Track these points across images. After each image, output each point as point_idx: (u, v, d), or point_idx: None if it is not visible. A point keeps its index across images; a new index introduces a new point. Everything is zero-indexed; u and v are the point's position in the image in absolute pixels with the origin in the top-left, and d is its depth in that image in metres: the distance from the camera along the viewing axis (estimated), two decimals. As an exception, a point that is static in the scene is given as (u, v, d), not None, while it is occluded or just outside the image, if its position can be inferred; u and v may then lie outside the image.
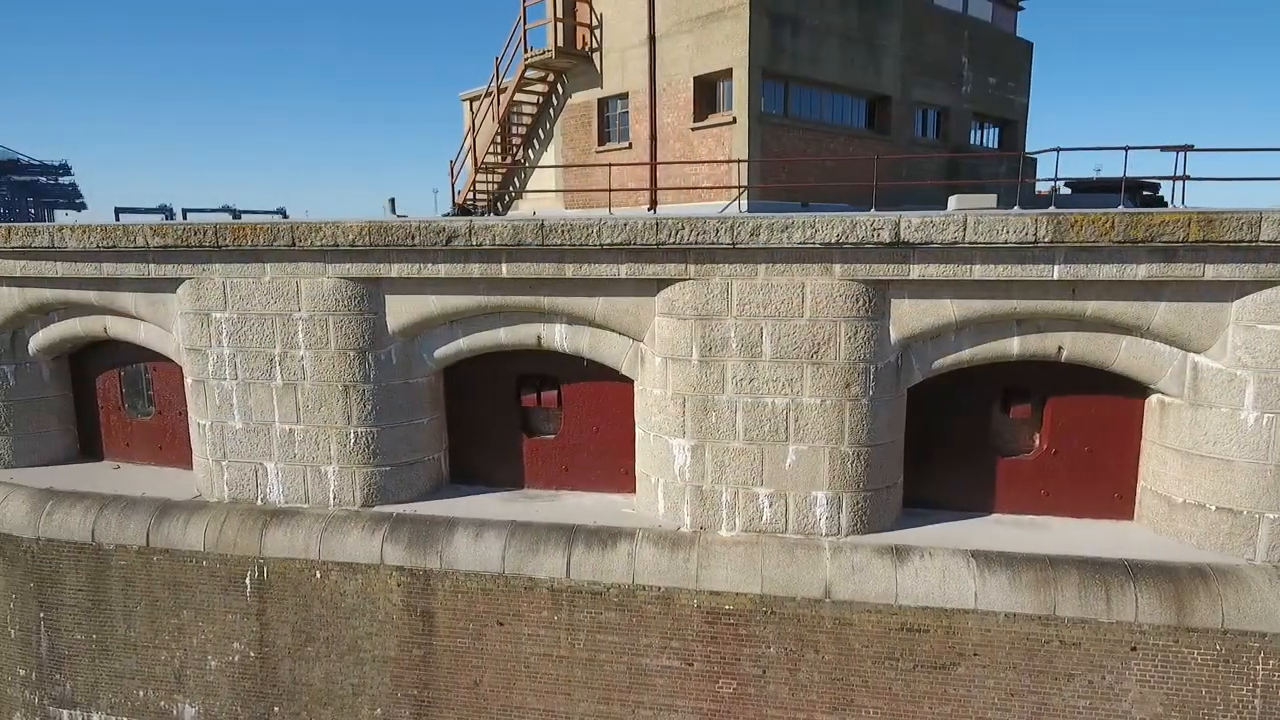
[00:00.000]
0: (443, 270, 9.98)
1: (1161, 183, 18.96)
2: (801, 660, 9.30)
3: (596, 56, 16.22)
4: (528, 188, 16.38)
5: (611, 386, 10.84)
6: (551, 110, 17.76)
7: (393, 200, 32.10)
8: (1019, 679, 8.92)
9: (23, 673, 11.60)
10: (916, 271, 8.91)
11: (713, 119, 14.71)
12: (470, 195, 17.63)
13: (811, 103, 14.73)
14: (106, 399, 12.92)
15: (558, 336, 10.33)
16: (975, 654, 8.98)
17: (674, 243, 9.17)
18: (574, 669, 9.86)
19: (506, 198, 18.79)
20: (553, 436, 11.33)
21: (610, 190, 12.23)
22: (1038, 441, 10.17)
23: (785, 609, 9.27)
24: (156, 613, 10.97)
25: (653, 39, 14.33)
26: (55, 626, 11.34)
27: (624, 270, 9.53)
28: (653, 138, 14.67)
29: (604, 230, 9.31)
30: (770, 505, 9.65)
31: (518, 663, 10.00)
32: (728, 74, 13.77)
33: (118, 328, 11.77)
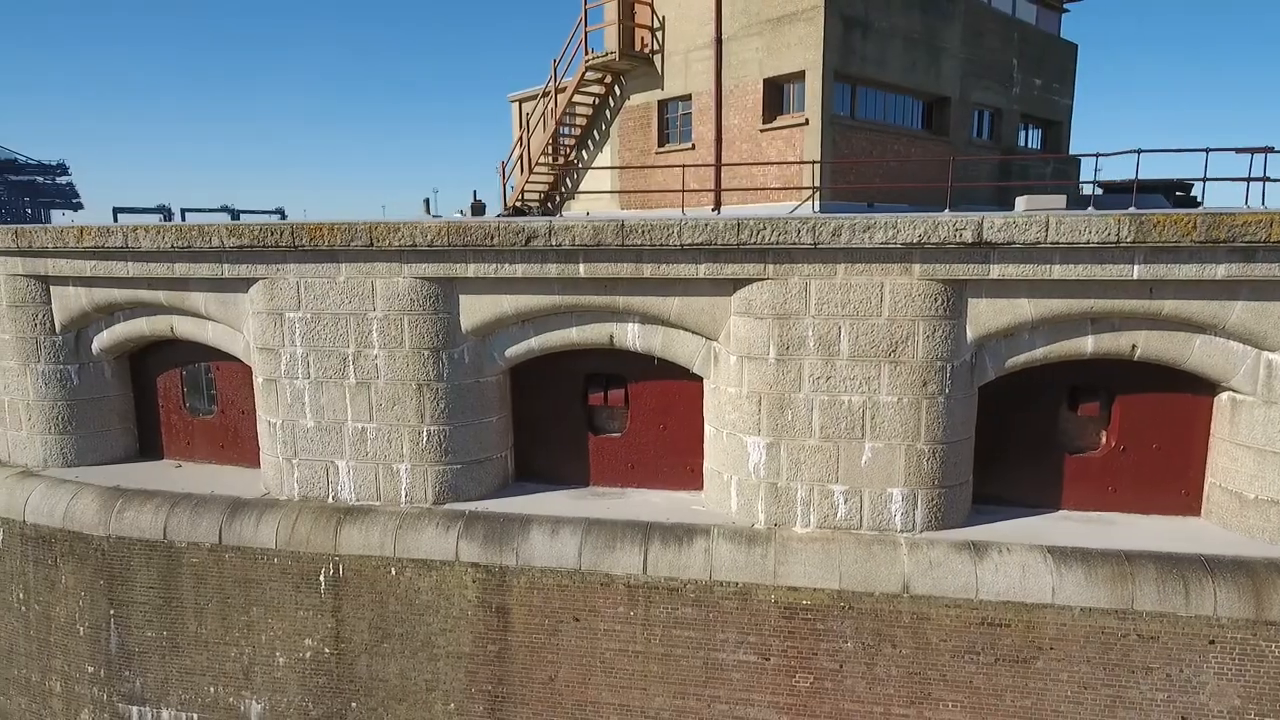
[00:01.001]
0: (519, 270, 10.10)
1: (1193, 183, 19.16)
2: (879, 654, 9.42)
3: (657, 59, 16.37)
4: (580, 189, 16.48)
5: (679, 385, 10.97)
6: (608, 112, 17.91)
7: (427, 201, 32.21)
8: (1094, 672, 9.05)
9: (91, 669, 11.68)
10: (996, 271, 9.04)
11: (782, 120, 14.78)
12: (520, 196, 17.75)
13: (876, 104, 14.90)
14: (167, 398, 13.01)
15: (630, 335, 10.44)
16: (1052, 648, 9.11)
17: (755, 243, 9.30)
18: (650, 664, 9.97)
19: (556, 198, 18.93)
20: (618, 435, 11.45)
21: (682, 190, 12.33)
22: (1104, 439, 10.31)
23: (863, 604, 9.39)
24: (227, 609, 11.06)
25: (719, 41, 14.49)
26: (125, 623, 11.43)
27: (702, 270, 9.66)
28: (718, 139, 14.82)
29: (685, 230, 9.43)
30: (845, 502, 9.78)
31: (593, 658, 10.11)
32: (799, 76, 13.91)
33: (185, 327, 11.87)
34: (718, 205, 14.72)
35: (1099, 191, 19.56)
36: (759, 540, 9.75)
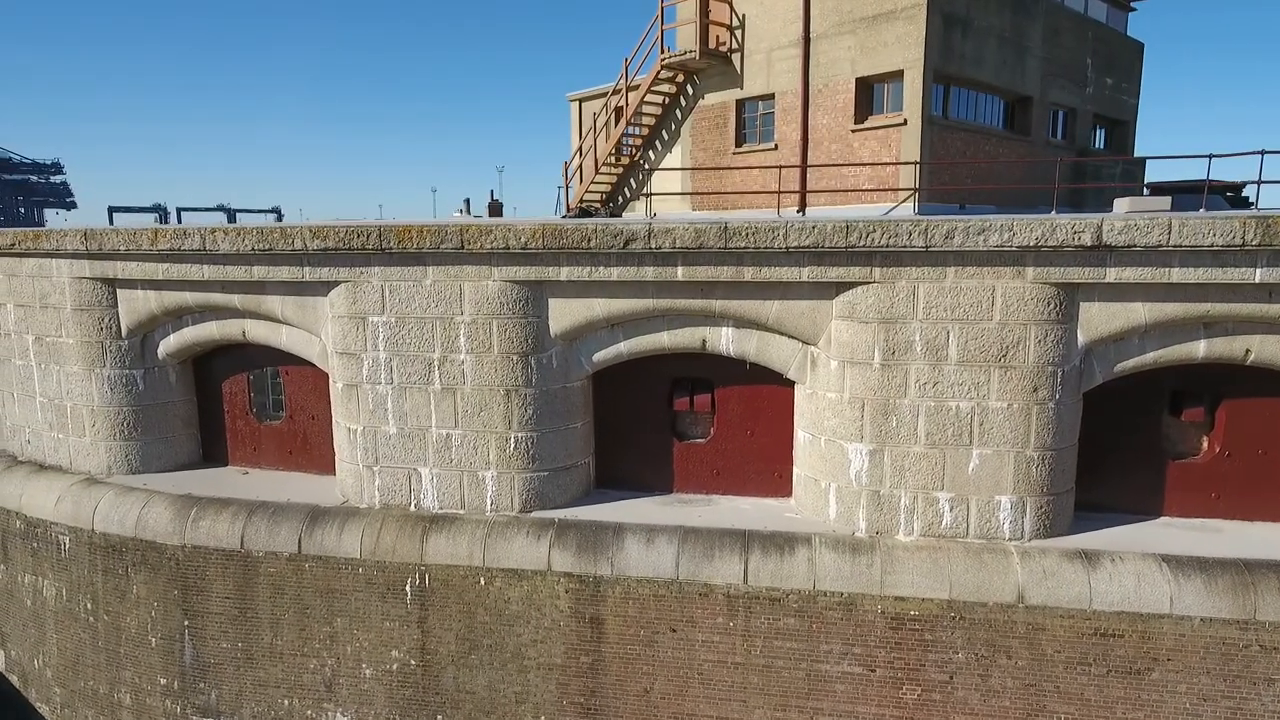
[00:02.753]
0: (615, 274, 9.88)
1: (1243, 185, 19.03)
2: (993, 665, 9.23)
3: (736, 58, 16.13)
4: (646, 189, 16.19)
5: (768, 390, 10.77)
6: (678, 112, 17.68)
7: (468, 201, 31.89)
8: (1213, 684, 8.87)
9: (164, 682, 11.42)
10: (1112, 274, 8.86)
11: (874, 121, 14.52)
12: (581, 198, 17.52)
13: (966, 104, 14.70)
14: (233, 403, 12.75)
15: (724, 340, 10.24)
16: (1169, 659, 8.93)
17: (864, 245, 9.10)
18: (749, 675, 9.76)
19: (619, 200, 18.69)
20: (703, 440, 11.24)
21: (777, 191, 12.04)
22: (1207, 444, 10.14)
23: (975, 614, 9.20)
24: (306, 620, 10.81)
25: (807, 40, 14.27)
26: (200, 634, 11.17)
27: (805, 273, 9.46)
28: (804, 140, 14.60)
29: (790, 232, 9.23)
30: (951, 509, 9.59)
31: (690, 670, 9.90)
32: (896, 75, 13.69)
33: (258, 331, 11.62)
34: (802, 207, 14.50)
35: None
36: (863, 549, 9.55)
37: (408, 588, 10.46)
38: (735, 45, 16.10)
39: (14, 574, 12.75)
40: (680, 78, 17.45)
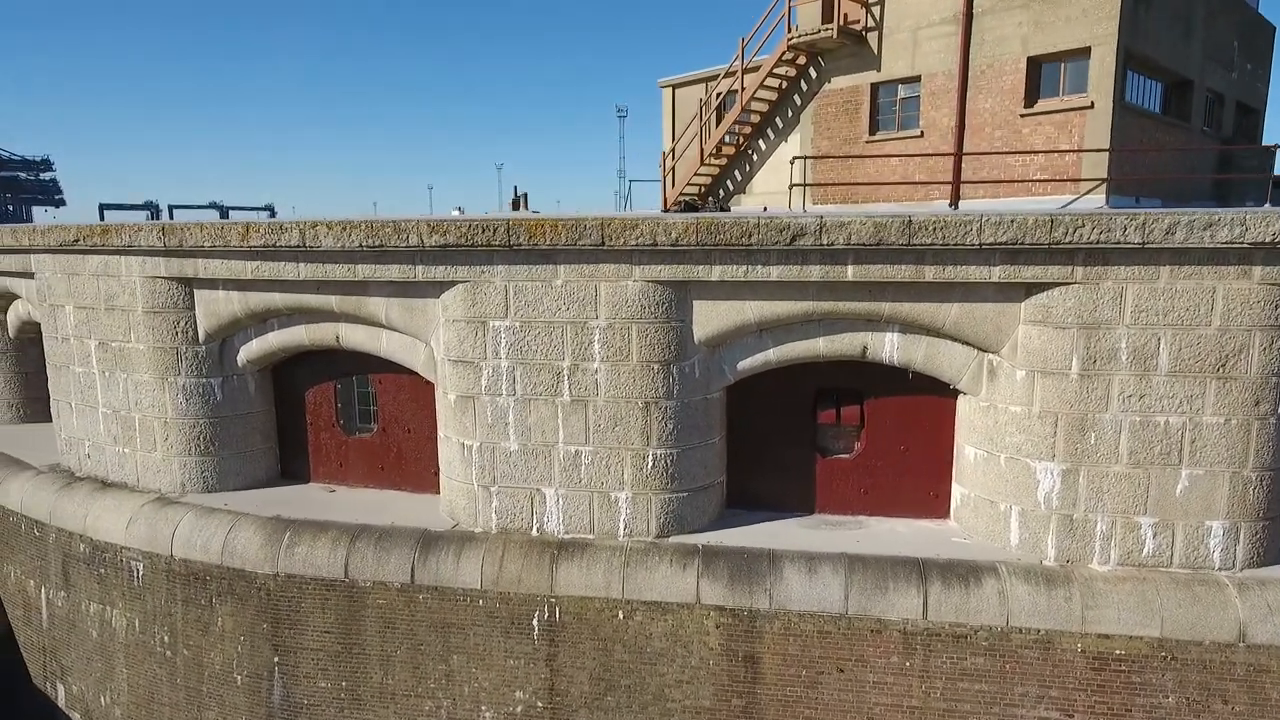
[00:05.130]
0: (774, 273, 8.86)
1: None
2: (1207, 711, 8.27)
3: (872, 37, 15.04)
4: (753, 180, 15.17)
5: (927, 401, 9.79)
6: (797, 97, 16.57)
7: (526, 196, 30.73)
8: None
9: (252, 724, 10.35)
10: (1354, 274, 7.90)
11: (1048, 104, 13.40)
12: (683, 191, 16.41)
13: (1135, 87, 13.61)
14: (316, 415, 11.66)
15: (887, 346, 9.24)
16: None
17: (1069, 242, 8.11)
18: (928, 720, 8.78)
19: (720, 192, 17.61)
20: (849, 456, 10.24)
21: (928, 183, 10.93)
22: None
23: (1189, 654, 8.24)
24: (420, 658, 9.76)
25: (969, 16, 13.18)
26: (293, 673, 10.10)
27: (996, 272, 8.46)
28: (959, 125, 13.52)
29: (985, 227, 8.23)
30: (1154, 536, 8.62)
31: (859, 714, 8.90)
32: (1079, 53, 12.55)
33: (354, 337, 10.55)
34: (955, 200, 13.47)
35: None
36: (1058, 580, 8.57)
37: (534, 622, 9.43)
38: (871, 23, 15.03)
39: (76, 602, 11.63)
40: (802, 60, 16.31)
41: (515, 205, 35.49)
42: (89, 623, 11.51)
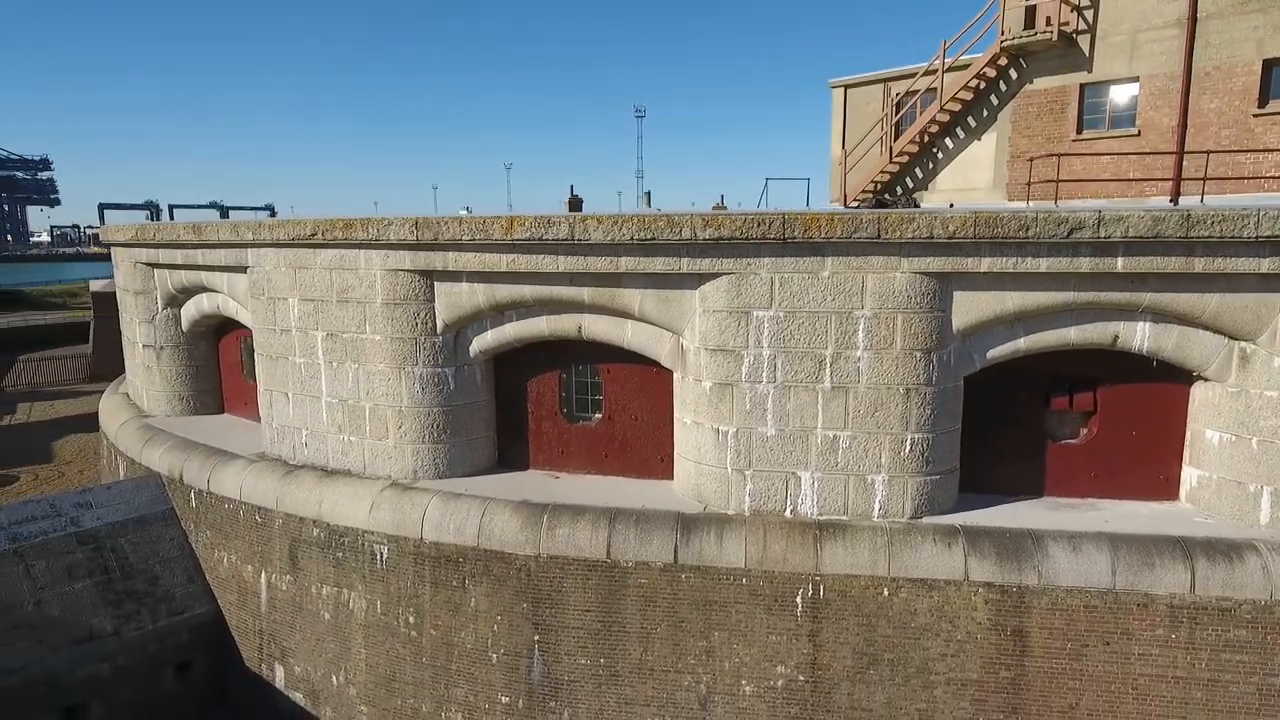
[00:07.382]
0: (1044, 264, 9.30)
1: None
2: None
3: (1084, 39, 15.51)
4: (937, 178, 15.55)
5: (1158, 388, 10.24)
6: (993, 97, 17.04)
7: (649, 194, 31.14)
8: None
9: (506, 700, 10.73)
10: None
11: None
12: (860, 189, 16.80)
13: None
14: (539, 404, 12.05)
15: (1139, 335, 9.68)
16: None
17: (1345, 234, 8.57)
18: (1191, 690, 9.23)
19: (898, 190, 18.05)
20: (1077, 441, 10.69)
21: (1149, 179, 10.97)
22: None
23: None
24: (680, 635, 10.17)
25: (1194, 19, 13.67)
26: (553, 650, 10.49)
27: (1265, 264, 8.92)
28: (1181, 124, 13.99)
29: (1264, 220, 8.68)
30: None
31: (1124, 684, 9.35)
32: None
33: (598, 328, 10.93)
34: (1175, 197, 13.93)
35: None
36: (1319, 556, 9.03)
37: (798, 599, 9.84)
38: (1083, 26, 15.51)
39: (305, 585, 11.99)
40: (1004, 60, 16.98)
41: (572, 205, 35.99)
42: (320, 605, 11.86)
